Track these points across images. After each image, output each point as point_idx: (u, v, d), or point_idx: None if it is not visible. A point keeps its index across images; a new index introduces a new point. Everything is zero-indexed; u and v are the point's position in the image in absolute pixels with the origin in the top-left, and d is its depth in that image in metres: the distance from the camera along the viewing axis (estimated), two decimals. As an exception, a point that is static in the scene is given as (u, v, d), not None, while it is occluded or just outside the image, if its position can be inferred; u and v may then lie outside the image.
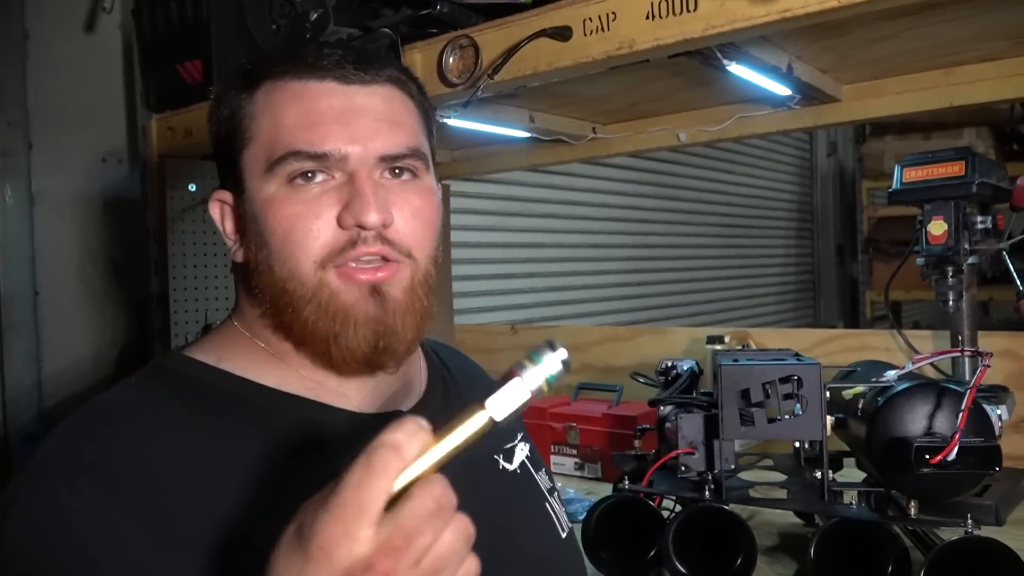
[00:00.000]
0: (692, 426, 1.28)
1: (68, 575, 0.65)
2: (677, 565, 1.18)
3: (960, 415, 1.06)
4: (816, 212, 6.40)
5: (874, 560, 1.10)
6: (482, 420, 0.52)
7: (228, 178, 0.86)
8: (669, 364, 1.48)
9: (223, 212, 0.87)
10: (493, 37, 1.31)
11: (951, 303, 1.51)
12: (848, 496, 1.20)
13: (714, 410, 1.23)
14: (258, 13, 1.49)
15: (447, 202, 2.22)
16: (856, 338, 1.97)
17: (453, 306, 2.56)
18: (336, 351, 0.80)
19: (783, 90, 1.66)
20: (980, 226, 1.47)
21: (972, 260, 1.48)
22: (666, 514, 1.28)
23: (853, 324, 5.89)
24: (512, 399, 0.52)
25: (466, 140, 2.24)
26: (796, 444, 1.40)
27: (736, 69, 1.45)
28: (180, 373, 0.81)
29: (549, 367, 0.53)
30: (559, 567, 0.95)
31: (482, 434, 0.52)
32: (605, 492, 1.36)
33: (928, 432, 1.11)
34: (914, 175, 1.49)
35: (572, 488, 1.73)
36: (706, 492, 1.23)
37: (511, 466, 0.97)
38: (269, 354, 0.83)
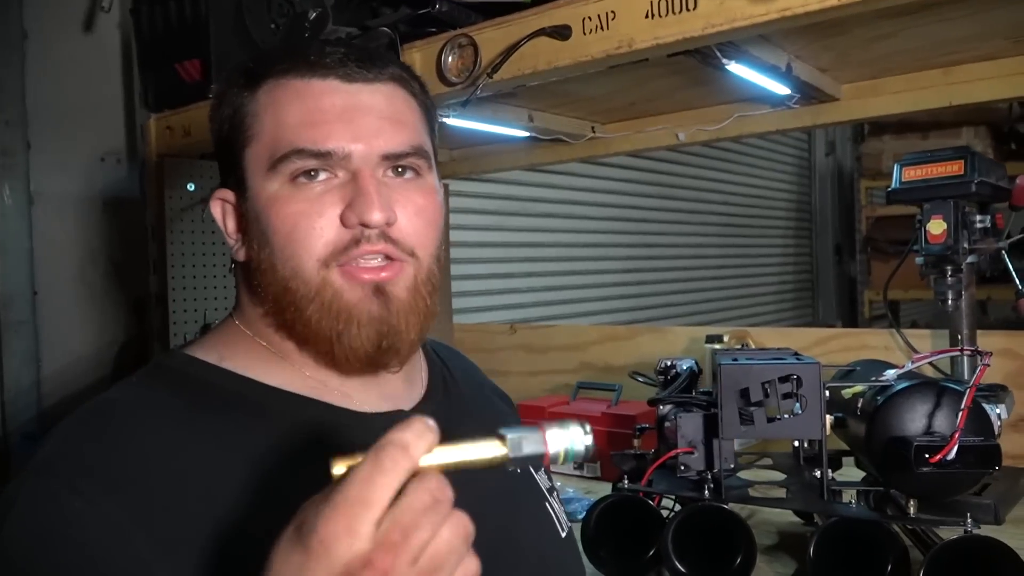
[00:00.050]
0: (691, 425, 1.28)
1: (68, 575, 0.65)
2: (676, 564, 1.19)
3: (960, 414, 1.06)
4: (814, 211, 6.41)
5: (873, 559, 1.10)
6: (495, 450, 0.53)
7: (230, 176, 0.85)
8: (668, 363, 1.48)
9: (225, 211, 0.86)
10: (492, 36, 1.31)
11: (950, 302, 1.51)
12: (847, 495, 1.20)
13: (713, 409, 1.23)
14: (257, 12, 1.49)
15: (446, 201, 2.24)
16: (855, 337, 1.97)
17: (452, 305, 2.56)
18: (339, 350, 0.79)
19: (782, 89, 1.66)
20: (979, 225, 1.48)
21: (971, 259, 1.48)
22: (665, 513, 1.28)
23: (851, 323, 5.90)
24: (529, 445, 0.53)
25: (465, 139, 2.24)
26: (795, 443, 1.40)
27: (735, 68, 1.45)
28: (182, 372, 0.81)
29: (573, 438, 0.54)
30: (559, 567, 0.94)
31: (490, 463, 0.53)
32: (604, 491, 1.36)
33: (928, 431, 1.11)
34: (913, 174, 1.49)
35: (571, 487, 1.73)
36: (705, 491, 1.23)
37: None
38: (271, 353, 0.83)
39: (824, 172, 6.39)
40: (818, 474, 1.22)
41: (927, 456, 1.05)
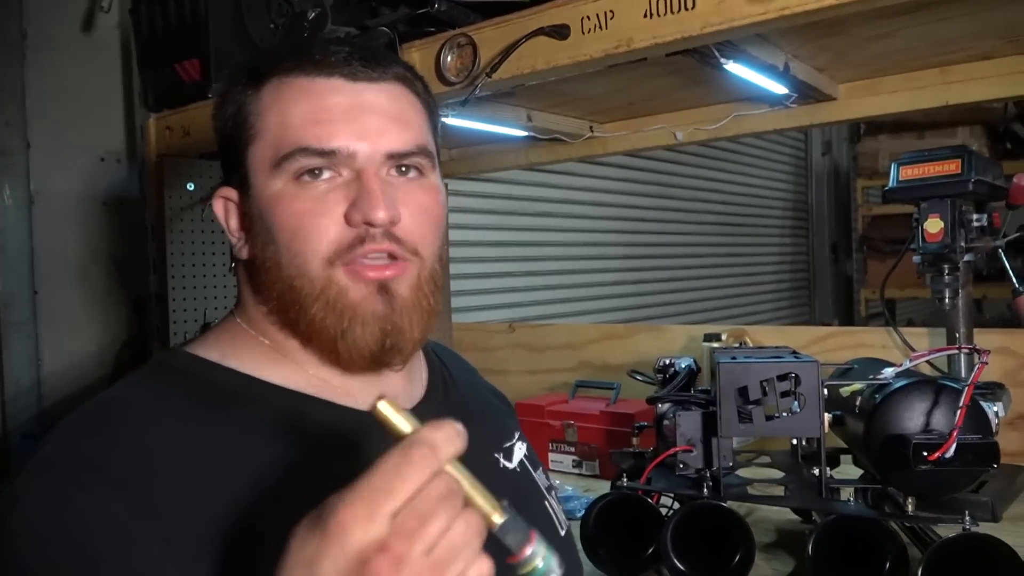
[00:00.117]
0: (690, 423, 1.28)
1: (73, 574, 0.64)
2: (675, 562, 1.19)
3: (958, 412, 1.06)
4: (811, 211, 6.42)
5: (872, 557, 1.11)
6: (492, 511, 0.53)
7: (233, 175, 0.85)
8: (667, 362, 1.48)
9: (227, 209, 0.86)
10: (491, 36, 1.31)
11: (947, 300, 1.51)
12: (845, 493, 1.20)
13: (712, 407, 1.24)
14: (256, 12, 1.49)
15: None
16: (852, 336, 1.97)
17: (451, 304, 2.56)
18: (343, 349, 0.79)
19: (780, 88, 1.66)
20: (976, 224, 1.48)
21: (968, 258, 1.49)
22: (664, 511, 1.28)
23: (848, 322, 5.91)
24: (513, 537, 0.53)
25: (464, 139, 2.24)
26: (793, 441, 1.40)
27: (733, 68, 1.45)
28: (184, 370, 0.81)
29: (549, 564, 0.54)
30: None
31: (482, 512, 0.53)
32: (603, 489, 1.36)
33: (926, 429, 1.11)
34: (910, 173, 1.49)
35: (570, 486, 1.73)
36: (704, 489, 1.23)
37: (511, 464, 0.97)
38: (273, 351, 0.83)
39: (820, 172, 6.40)
40: (816, 472, 1.22)
41: (925, 454, 1.05)
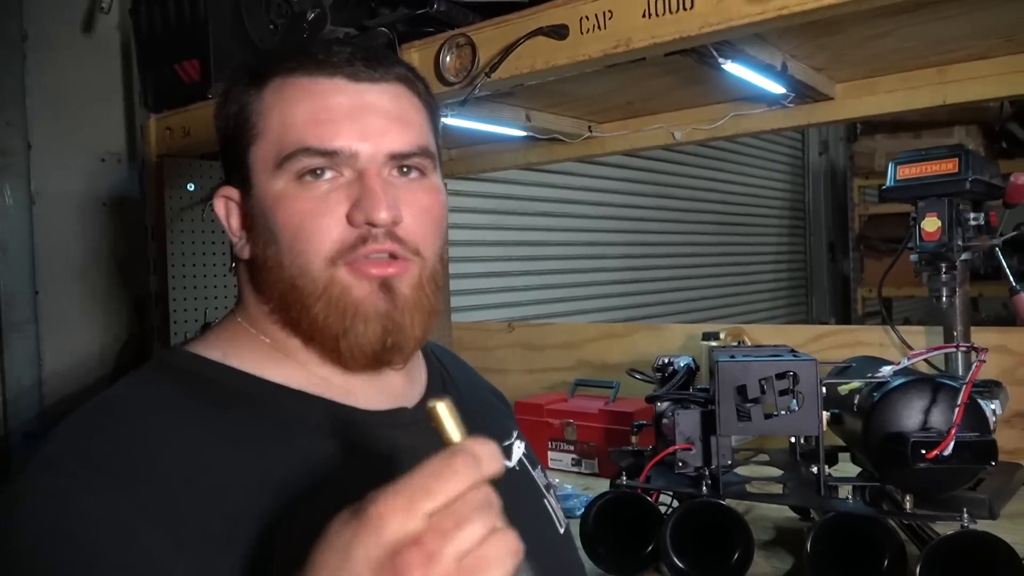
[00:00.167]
0: (689, 422, 1.28)
1: (76, 572, 0.64)
2: (675, 560, 1.19)
3: (956, 410, 1.06)
4: (808, 210, 6.42)
5: (870, 554, 1.11)
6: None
7: (234, 174, 0.85)
8: (666, 361, 1.48)
9: (228, 208, 0.86)
10: (490, 36, 1.31)
11: (944, 299, 1.51)
12: (844, 491, 1.20)
13: (711, 406, 1.24)
14: (255, 12, 1.49)
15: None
16: (849, 334, 1.98)
17: (451, 304, 2.57)
18: (345, 347, 0.80)
19: (777, 88, 1.66)
20: (973, 223, 1.48)
21: (965, 256, 1.49)
22: (663, 509, 1.29)
23: (844, 320, 5.91)
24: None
25: (463, 139, 2.24)
26: (792, 439, 1.40)
27: (731, 67, 1.45)
28: (185, 369, 0.81)
29: None
30: (557, 564, 0.94)
31: None
32: (602, 488, 1.37)
33: (924, 427, 1.11)
34: (908, 172, 1.50)
35: (570, 484, 1.73)
36: (703, 487, 1.23)
37: (510, 463, 0.97)
38: (275, 350, 0.83)
39: (817, 171, 6.40)
40: (815, 470, 1.22)
41: (924, 452, 1.05)
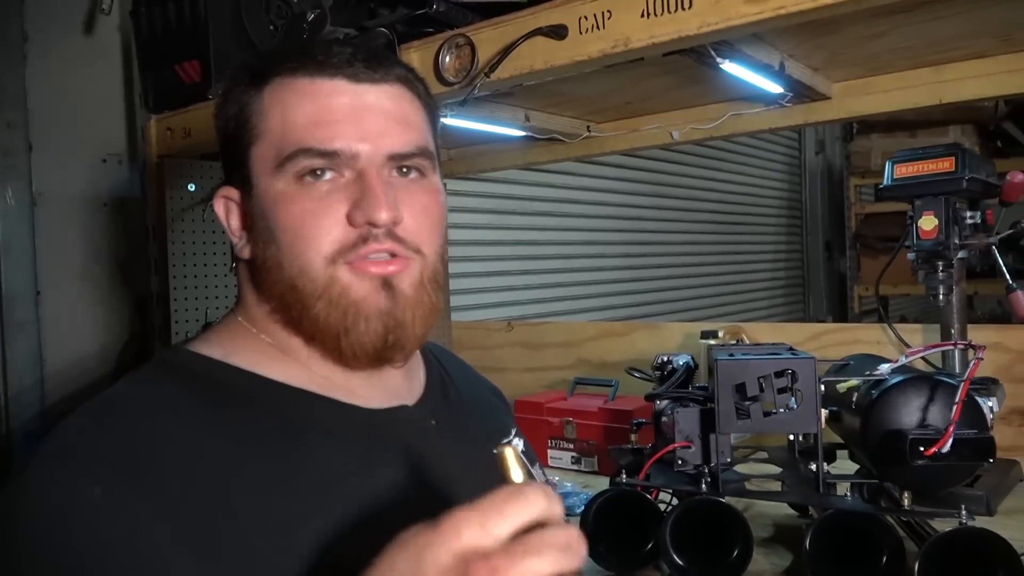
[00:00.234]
0: (688, 420, 1.28)
1: (83, 563, 0.64)
2: (674, 557, 1.19)
3: (954, 408, 1.06)
4: (805, 209, 6.43)
5: (869, 551, 1.11)
6: None
7: (234, 174, 0.85)
8: (665, 359, 1.48)
9: (228, 208, 0.86)
10: (489, 36, 1.31)
11: (941, 297, 1.52)
12: (842, 488, 1.20)
13: (710, 404, 1.24)
14: (255, 13, 1.49)
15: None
16: (847, 332, 1.98)
17: (450, 303, 2.57)
18: (346, 346, 0.80)
19: (775, 88, 1.67)
20: (970, 221, 1.49)
21: (962, 255, 1.49)
22: (663, 507, 1.29)
23: (841, 318, 5.92)
24: None
25: (462, 139, 2.24)
26: (790, 437, 1.40)
27: (729, 67, 1.45)
28: (187, 368, 0.81)
29: None
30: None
31: None
32: (602, 486, 1.37)
33: (922, 424, 1.11)
34: (905, 171, 1.50)
35: (569, 482, 1.73)
36: (702, 485, 1.23)
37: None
38: (276, 349, 0.84)
39: (814, 170, 6.41)
40: (813, 467, 1.22)
41: (922, 449, 1.05)
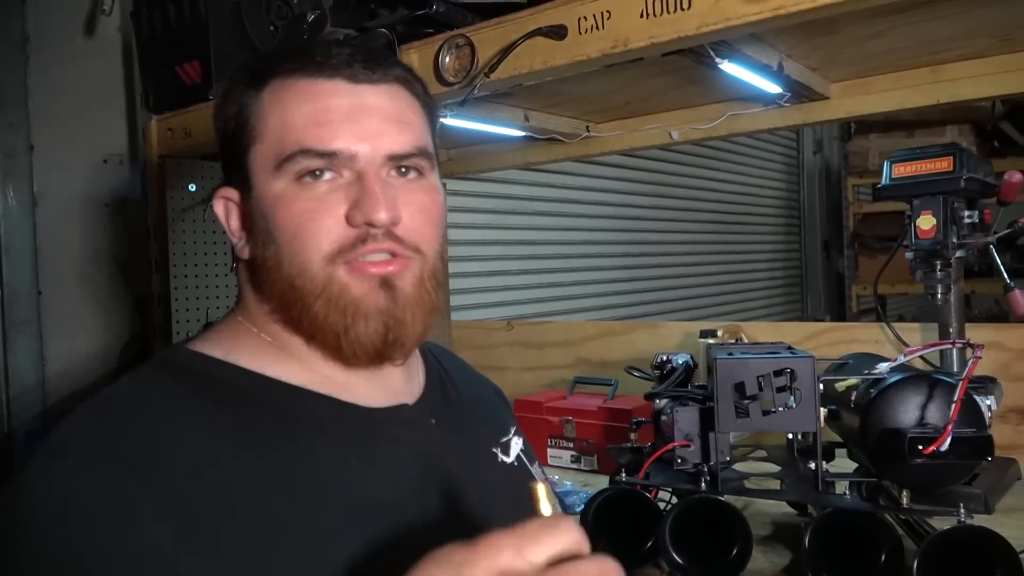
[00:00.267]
0: (688, 419, 1.28)
1: (83, 559, 0.64)
2: (674, 556, 1.19)
3: (953, 406, 1.06)
4: (803, 209, 6.44)
5: (868, 549, 1.11)
6: None
7: (234, 175, 0.86)
8: (664, 358, 1.48)
9: (228, 209, 0.87)
10: (489, 36, 1.32)
11: (939, 296, 1.52)
12: (841, 486, 1.20)
13: (709, 403, 1.24)
14: (255, 14, 1.50)
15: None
16: (845, 331, 1.98)
17: (450, 302, 2.57)
18: (346, 345, 0.80)
19: (773, 88, 1.67)
20: (967, 220, 1.49)
21: (960, 254, 1.50)
22: (662, 506, 1.29)
23: (839, 318, 5.92)
24: None
25: (462, 139, 2.25)
26: (789, 436, 1.41)
27: (728, 67, 1.46)
28: (189, 367, 0.81)
29: None
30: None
31: None
32: (602, 484, 1.37)
33: (921, 423, 1.12)
34: (903, 171, 1.50)
35: (569, 481, 1.73)
36: (702, 483, 1.24)
37: (508, 459, 0.98)
38: (276, 348, 0.84)
39: (812, 170, 6.42)
40: (812, 466, 1.22)
41: (921, 447, 1.05)
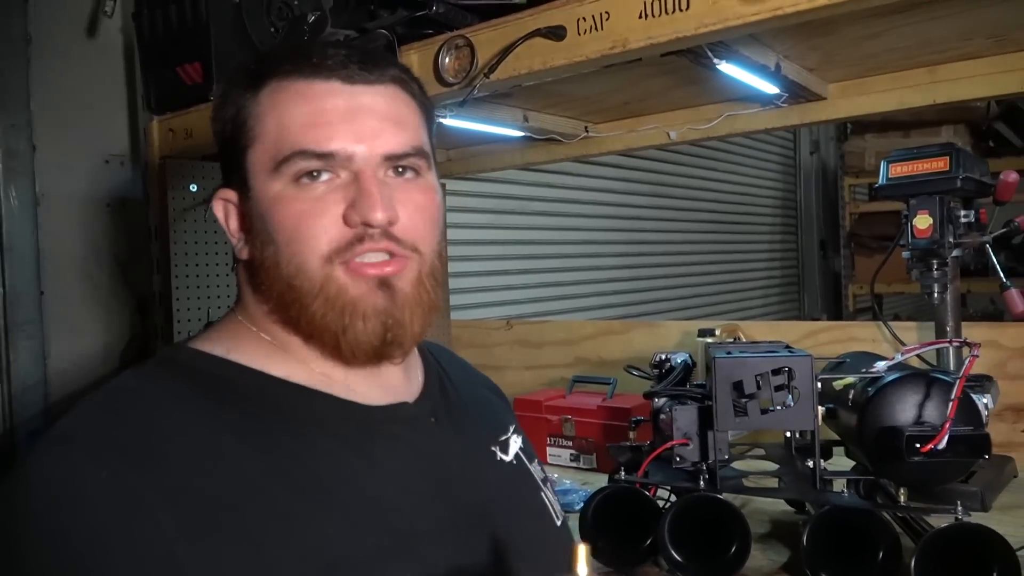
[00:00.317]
0: (686, 417, 1.28)
1: (86, 548, 0.64)
2: (673, 554, 1.19)
3: (950, 404, 1.07)
4: (800, 208, 6.46)
5: (865, 547, 1.11)
6: None
7: (233, 176, 0.86)
8: (663, 357, 1.49)
9: (227, 210, 0.87)
10: (488, 37, 1.32)
11: (936, 295, 1.53)
12: (839, 484, 1.20)
13: (708, 402, 1.24)
14: (256, 15, 1.50)
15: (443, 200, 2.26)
16: (842, 330, 1.98)
17: (449, 301, 2.58)
18: (345, 344, 0.81)
19: (771, 88, 1.68)
20: (964, 220, 1.49)
21: (956, 253, 1.50)
22: (661, 504, 1.29)
23: (836, 317, 5.93)
24: None
25: (461, 139, 2.26)
26: (787, 434, 1.41)
27: (726, 68, 1.46)
28: (190, 365, 0.81)
29: None
30: (556, 557, 0.96)
31: None
32: (601, 483, 1.37)
33: (918, 421, 1.12)
34: (899, 171, 1.51)
35: (568, 479, 1.73)
36: (700, 482, 1.24)
37: (507, 457, 0.98)
38: (276, 347, 0.84)
39: (809, 170, 6.43)
40: (810, 464, 1.22)
41: (918, 446, 1.06)
